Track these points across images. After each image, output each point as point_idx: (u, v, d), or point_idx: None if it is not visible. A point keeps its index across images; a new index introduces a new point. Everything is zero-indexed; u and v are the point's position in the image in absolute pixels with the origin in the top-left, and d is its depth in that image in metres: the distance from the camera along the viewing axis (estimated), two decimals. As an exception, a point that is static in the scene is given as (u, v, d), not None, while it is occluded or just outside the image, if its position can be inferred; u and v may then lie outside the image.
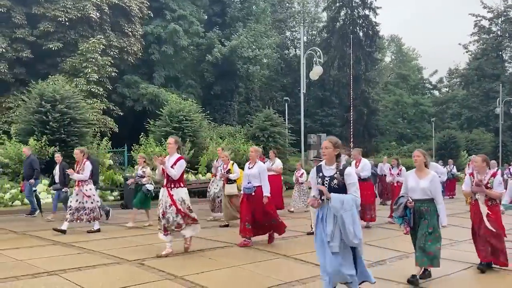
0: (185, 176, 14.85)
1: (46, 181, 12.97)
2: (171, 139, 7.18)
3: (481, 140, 37.59)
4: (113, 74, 21.98)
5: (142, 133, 18.43)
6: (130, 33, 24.04)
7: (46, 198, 13.04)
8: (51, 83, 17.44)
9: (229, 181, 10.10)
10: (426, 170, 5.70)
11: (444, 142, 33.61)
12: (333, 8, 41.95)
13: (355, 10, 41.25)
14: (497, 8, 43.72)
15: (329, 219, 4.51)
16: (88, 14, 21.40)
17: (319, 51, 19.94)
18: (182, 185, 7.07)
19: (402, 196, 5.75)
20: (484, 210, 6.28)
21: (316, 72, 19.31)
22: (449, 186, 18.33)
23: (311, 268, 6.48)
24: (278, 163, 12.22)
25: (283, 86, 42.13)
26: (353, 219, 4.42)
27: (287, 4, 45.31)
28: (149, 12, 25.44)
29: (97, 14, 22.01)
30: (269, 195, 7.84)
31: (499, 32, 44.44)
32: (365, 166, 10.03)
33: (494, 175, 6.33)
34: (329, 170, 4.65)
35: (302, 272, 6.20)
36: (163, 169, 6.93)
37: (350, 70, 35.94)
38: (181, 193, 7.01)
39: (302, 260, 6.91)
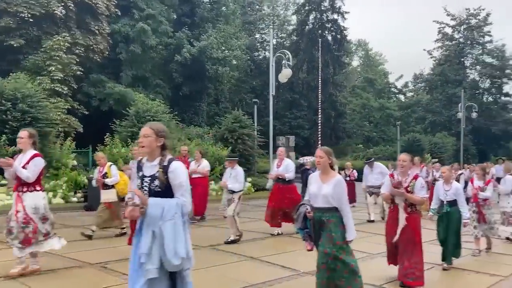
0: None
1: (4, 182, 12.49)
2: (23, 133, 5.78)
3: (444, 143, 38.65)
4: (78, 72, 21.41)
5: (108, 134, 18.04)
6: (97, 31, 23.50)
7: (6, 199, 12.55)
8: (12, 80, 16.83)
9: (105, 186, 8.66)
10: (331, 173, 4.72)
11: (409, 145, 34.34)
12: (302, 11, 42.36)
13: (324, 14, 41.77)
14: (460, 16, 45.21)
15: (146, 233, 3.38)
16: (52, 10, 20.77)
17: (288, 54, 20.03)
18: (38, 188, 5.78)
19: (302, 204, 4.84)
20: (402, 218, 5.57)
21: (285, 74, 19.37)
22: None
23: (278, 270, 6.48)
24: (204, 165, 11.17)
25: (253, 88, 42.20)
26: (175, 231, 3.35)
27: (257, 7, 45.45)
28: (117, 10, 24.96)
29: (62, 10, 21.38)
30: None
31: (461, 40, 45.91)
32: (289, 167, 9.29)
33: (416, 177, 5.64)
34: (151, 168, 3.49)
35: (269, 274, 6.19)
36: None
37: (318, 73, 36.35)
38: (36, 199, 5.73)
39: (269, 262, 6.91)
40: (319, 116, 32.13)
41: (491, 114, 43.01)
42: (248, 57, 40.34)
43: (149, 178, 3.46)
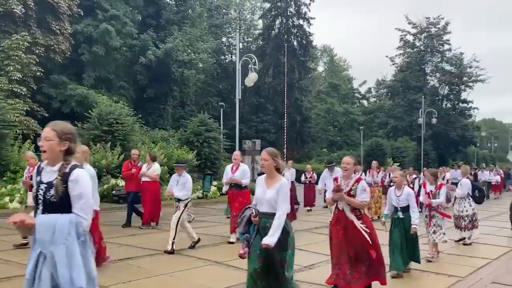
0: (113, 181, 14.24)
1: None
2: None
3: (405, 148, 39.75)
4: (38, 73, 20.76)
5: (69, 136, 17.51)
6: (58, 31, 22.87)
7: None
8: (-33, 80, 16.16)
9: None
10: (276, 177, 4.47)
11: (371, 150, 35.12)
12: (269, 16, 42.63)
13: (290, 20, 42.18)
14: (421, 24, 46.62)
15: (32, 257, 2.85)
16: (11, 8, 20.10)
17: (254, 58, 20.08)
18: None
19: (248, 207, 4.60)
20: (357, 222, 5.23)
21: (251, 78, 19.41)
22: None
23: (243, 274, 6.43)
24: (155, 168, 10.49)
25: (219, 92, 42.10)
26: (70, 257, 2.76)
27: (223, 10, 45.42)
28: (79, 10, 24.38)
29: (22, 9, 20.73)
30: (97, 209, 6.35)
31: (422, 47, 47.34)
32: (246, 172, 8.92)
33: (358, 180, 5.35)
34: (50, 173, 2.96)
35: (234, 279, 6.16)
36: None
37: (284, 78, 36.65)
38: None
39: (234, 266, 6.87)
40: (285, 120, 32.38)
41: (449, 120, 44.49)
42: (215, 61, 40.25)
43: (46, 185, 2.90)
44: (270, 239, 4.19)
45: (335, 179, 5.49)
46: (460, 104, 47.05)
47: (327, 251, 7.80)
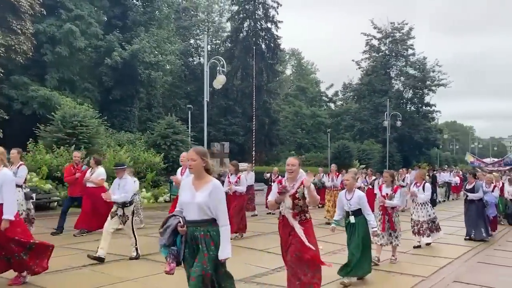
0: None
1: None
2: None
3: (371, 150, 40.51)
4: (-3, 74, 20.07)
5: (31, 139, 16.98)
6: (19, 31, 22.10)
7: None
8: None
9: None
10: (206, 178, 3.94)
11: (338, 152, 35.63)
12: (237, 19, 42.66)
13: (258, 23, 42.33)
14: (385, 29, 47.71)
15: None
16: (-32, 6, 19.33)
17: (222, 61, 20.05)
18: None
19: (172, 215, 3.97)
20: (297, 227, 4.85)
21: (219, 81, 19.36)
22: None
23: (210, 278, 6.38)
24: (99, 173, 9.71)
25: (187, 94, 41.77)
26: None
27: (191, 12, 45.13)
28: (42, 9, 23.66)
29: (-20, 7, 19.99)
30: (11, 218, 5.36)
31: (387, 51, 48.46)
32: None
33: (303, 182, 4.89)
34: None
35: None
36: None
37: (252, 81, 36.73)
38: None
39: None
40: (254, 122, 32.43)
41: (413, 122, 45.66)
42: (182, 63, 39.92)
43: None
44: (225, 252, 3.79)
45: (279, 181, 5.08)
46: (424, 107, 48.37)
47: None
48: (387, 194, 7.68)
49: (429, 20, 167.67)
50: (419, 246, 9.12)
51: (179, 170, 8.59)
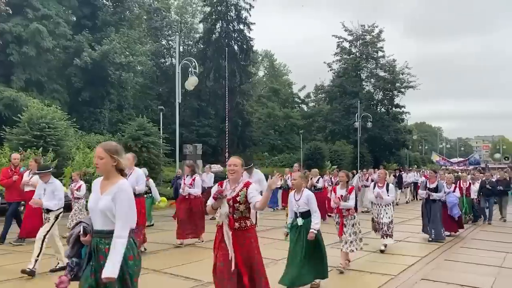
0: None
1: None
2: None
3: (343, 151, 41.01)
4: (-40, 74, 19.39)
5: (-4, 142, 16.50)
6: (-17, 30, 21.50)
7: None
8: None
9: None
10: (115, 179, 3.30)
11: (311, 153, 35.94)
12: (210, 20, 42.51)
13: (230, 24, 42.30)
14: (356, 31, 48.38)
15: None
16: None
17: (194, 62, 19.96)
18: None
19: (80, 222, 3.36)
20: (228, 238, 4.28)
21: (191, 82, 19.27)
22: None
23: (182, 281, 6.36)
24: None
25: (159, 95, 41.33)
26: None
27: (163, 13, 44.71)
28: (7, 8, 23.03)
29: None
30: None
31: (357, 54, 49.13)
32: (139, 178, 7.89)
33: (247, 185, 4.45)
34: None
35: (171, 286, 6.06)
36: None
37: (225, 82, 36.66)
38: None
39: (173, 274, 6.76)
40: (227, 124, 32.37)
41: (384, 124, 46.39)
42: (154, 63, 39.50)
43: None
44: (109, 270, 3.03)
45: (220, 184, 4.57)
46: (394, 108, 49.22)
47: (264, 254, 7.88)
48: (341, 195, 7.21)
49: (403, 23, 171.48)
50: (382, 251, 8.72)
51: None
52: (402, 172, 24.36)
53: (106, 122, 30.97)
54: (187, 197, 9.40)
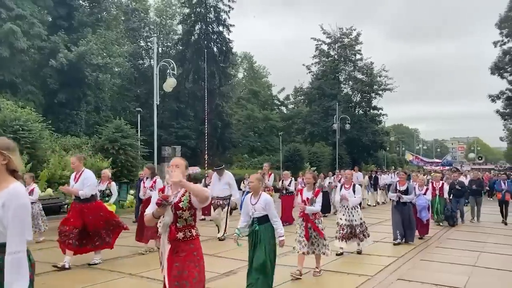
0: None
1: None
2: None
3: (322, 152, 41.29)
4: None
5: (-33, 145, 15.99)
6: (-46, 29, 20.91)
7: None
8: None
9: None
10: (5, 182, 2.63)
11: (290, 155, 36.09)
12: (188, 22, 42.27)
13: (210, 26, 42.16)
14: (334, 34, 48.83)
15: None
16: None
17: (172, 63, 19.79)
18: None
19: None
20: (165, 249, 3.87)
21: (170, 84, 19.08)
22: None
23: (157, 285, 6.27)
24: None
25: (137, 97, 40.89)
26: None
27: (141, 14, 44.29)
28: (-20, 7, 22.52)
29: None
30: None
31: (336, 56, 49.57)
32: (87, 181, 7.34)
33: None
34: None
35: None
36: None
37: (204, 84, 36.50)
38: None
39: (148, 277, 6.68)
40: (206, 126, 32.22)
41: (362, 125, 46.90)
42: (132, 65, 39.07)
43: None
44: (15, 282, 2.44)
45: (161, 190, 4.02)
46: (371, 111, 49.79)
47: (245, 256, 7.87)
48: (307, 198, 6.87)
49: (384, 27, 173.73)
50: (342, 254, 8.51)
51: (72, 175, 7.65)
52: (378, 174, 24.59)
53: (82, 124, 30.47)
54: (146, 200, 8.71)
